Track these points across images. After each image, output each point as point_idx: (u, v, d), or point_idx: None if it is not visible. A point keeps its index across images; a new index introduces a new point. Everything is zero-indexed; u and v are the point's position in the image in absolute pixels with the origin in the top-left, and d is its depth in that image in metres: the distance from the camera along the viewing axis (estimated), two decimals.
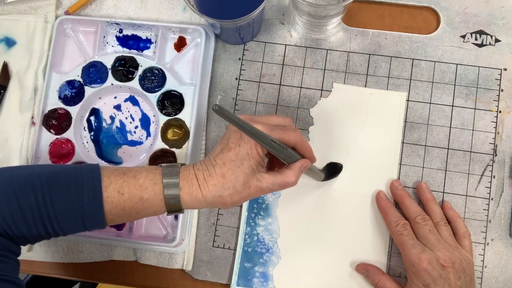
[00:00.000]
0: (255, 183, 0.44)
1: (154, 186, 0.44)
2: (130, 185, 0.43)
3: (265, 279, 0.55)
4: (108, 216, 0.43)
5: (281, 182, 0.45)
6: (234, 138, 0.44)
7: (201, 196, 0.44)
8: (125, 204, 0.43)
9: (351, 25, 0.60)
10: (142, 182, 0.44)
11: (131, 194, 0.43)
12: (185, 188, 0.44)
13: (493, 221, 0.55)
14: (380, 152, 0.56)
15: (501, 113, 0.57)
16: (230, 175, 0.44)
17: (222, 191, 0.44)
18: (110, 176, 0.44)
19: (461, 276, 0.47)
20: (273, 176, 0.45)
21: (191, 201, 0.44)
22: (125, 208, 0.43)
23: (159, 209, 0.45)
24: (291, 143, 0.45)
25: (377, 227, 0.55)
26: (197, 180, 0.44)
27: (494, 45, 0.58)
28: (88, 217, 0.43)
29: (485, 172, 0.56)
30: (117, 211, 0.43)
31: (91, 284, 0.86)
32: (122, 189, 0.43)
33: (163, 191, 0.44)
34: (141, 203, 0.44)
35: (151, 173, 0.44)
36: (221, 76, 0.60)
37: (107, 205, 0.43)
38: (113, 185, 0.43)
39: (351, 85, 0.58)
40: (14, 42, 0.61)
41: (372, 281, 0.52)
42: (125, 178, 0.44)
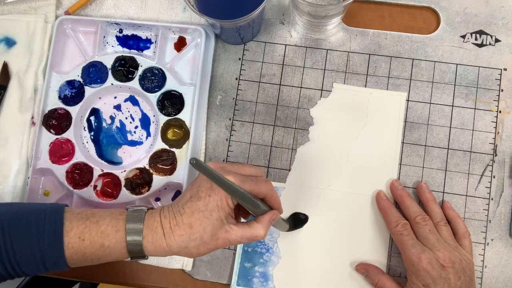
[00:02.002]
0: (223, 235, 0.44)
1: (116, 233, 0.43)
2: (92, 232, 0.43)
3: (265, 279, 0.55)
4: (70, 261, 0.43)
5: (250, 235, 0.44)
6: (204, 187, 0.44)
7: (165, 246, 0.43)
8: (86, 251, 0.43)
9: (351, 25, 0.60)
10: (104, 228, 0.43)
11: (92, 240, 0.43)
12: (148, 237, 0.43)
13: (493, 221, 0.55)
14: (380, 152, 0.56)
15: (501, 113, 0.57)
16: (198, 225, 0.43)
17: (188, 242, 0.43)
18: (73, 221, 0.43)
19: (461, 276, 0.47)
20: (242, 229, 0.44)
21: (154, 249, 0.43)
22: (86, 254, 0.43)
23: (121, 256, 0.44)
24: (262, 194, 0.45)
25: (377, 227, 0.55)
26: (163, 228, 0.43)
27: (494, 45, 0.58)
28: (49, 261, 0.42)
29: (485, 172, 0.56)
30: (78, 257, 0.43)
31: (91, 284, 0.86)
32: (83, 235, 0.43)
33: (125, 238, 0.43)
34: (102, 250, 0.43)
35: (115, 219, 0.44)
36: (221, 76, 0.60)
37: (67, 250, 0.42)
38: (75, 231, 0.43)
39: (351, 85, 0.58)
40: (14, 42, 0.61)
41: (372, 281, 0.52)
42: (87, 223, 0.43)
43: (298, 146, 0.57)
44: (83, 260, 0.43)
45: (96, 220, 0.44)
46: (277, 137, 0.58)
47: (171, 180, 0.56)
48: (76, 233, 0.43)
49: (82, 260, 0.43)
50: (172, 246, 0.43)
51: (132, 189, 0.56)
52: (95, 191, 0.56)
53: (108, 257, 0.44)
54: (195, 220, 0.43)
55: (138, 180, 0.57)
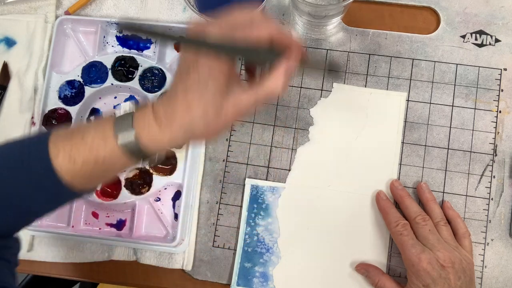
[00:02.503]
0: (231, 109, 0.37)
1: (105, 143, 0.37)
2: (80, 149, 0.37)
3: (265, 279, 0.55)
4: (74, 186, 0.38)
5: (264, 94, 0.37)
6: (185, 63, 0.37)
7: (167, 140, 0.37)
8: (82, 171, 0.38)
9: (351, 25, 0.60)
10: (92, 141, 0.37)
11: (84, 159, 0.37)
12: (144, 138, 0.37)
13: (493, 221, 0.55)
14: (380, 152, 0.56)
15: (501, 113, 0.57)
16: (197, 103, 0.36)
17: (192, 127, 0.37)
18: (57, 144, 0.38)
19: (461, 276, 0.47)
20: (252, 90, 0.37)
21: (157, 147, 0.38)
22: (86, 174, 0.38)
23: (124, 163, 0.39)
24: (265, 38, 0.36)
25: (377, 227, 0.55)
26: (158, 122, 0.37)
27: (494, 45, 0.58)
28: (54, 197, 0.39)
29: (485, 172, 0.56)
30: (79, 180, 0.38)
31: (91, 284, 0.86)
32: (72, 156, 0.37)
33: (118, 146, 0.37)
34: (99, 165, 0.38)
35: (100, 129, 0.38)
36: None
37: (64, 177, 0.37)
38: (62, 154, 0.37)
39: (351, 85, 0.58)
40: (14, 42, 0.61)
41: (372, 281, 0.52)
42: (73, 142, 0.38)
43: (298, 146, 0.57)
44: (86, 182, 0.39)
45: (81, 136, 0.38)
46: (277, 137, 0.58)
47: (171, 180, 0.56)
48: (65, 156, 0.37)
49: (85, 182, 0.39)
50: (176, 137, 0.37)
51: (132, 189, 0.56)
52: (95, 191, 0.56)
53: (111, 170, 0.39)
54: (192, 98, 0.36)
55: (138, 180, 0.57)
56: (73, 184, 0.38)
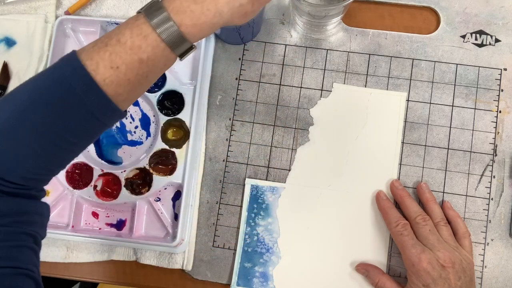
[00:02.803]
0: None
1: (146, 39, 0.36)
2: (121, 54, 0.36)
3: (265, 279, 0.55)
4: (119, 98, 0.37)
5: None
6: None
7: (212, 17, 0.36)
8: (128, 76, 0.36)
9: (351, 25, 0.60)
10: (132, 42, 0.36)
11: (127, 62, 0.36)
12: (185, 21, 0.36)
13: (493, 221, 0.55)
14: (380, 152, 0.56)
15: (501, 113, 0.57)
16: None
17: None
18: (93, 56, 0.36)
19: (461, 276, 0.47)
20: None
21: (201, 30, 0.37)
22: (131, 80, 0.36)
23: (167, 59, 0.38)
24: None
25: (377, 227, 0.55)
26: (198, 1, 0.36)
27: (494, 45, 0.58)
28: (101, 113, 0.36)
29: (485, 172, 0.56)
30: (124, 88, 0.36)
31: (91, 284, 0.86)
32: (113, 62, 0.36)
33: (160, 39, 0.36)
34: (145, 65, 0.36)
35: (135, 28, 0.36)
36: (221, 76, 0.60)
37: (108, 88, 0.36)
38: (102, 64, 0.36)
39: (351, 85, 0.58)
40: (14, 42, 0.61)
41: (372, 281, 0.52)
42: (109, 48, 0.36)
43: (298, 146, 0.57)
44: (131, 88, 0.37)
45: (117, 40, 0.36)
46: (277, 137, 0.58)
47: (171, 180, 0.56)
48: (106, 65, 0.35)
49: (130, 89, 0.37)
50: (222, 10, 0.36)
51: (132, 189, 0.56)
52: (95, 191, 0.56)
53: (156, 69, 0.38)
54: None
55: (138, 180, 0.57)
56: (118, 96, 0.36)
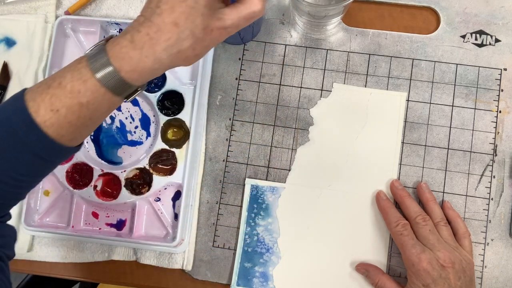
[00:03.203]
0: (216, 24, 0.36)
1: (86, 84, 0.36)
2: (61, 97, 0.36)
3: (265, 279, 0.55)
4: (62, 139, 0.37)
5: (246, 13, 0.37)
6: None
7: (151, 62, 0.36)
8: (68, 119, 0.36)
9: (351, 25, 0.60)
10: (71, 86, 0.36)
11: (68, 105, 0.36)
12: (125, 67, 0.36)
13: (493, 221, 0.55)
14: (380, 152, 0.56)
15: (501, 113, 0.57)
16: (185, 20, 0.35)
17: (179, 44, 0.35)
18: (36, 98, 0.36)
19: (461, 276, 0.47)
20: (235, 9, 0.37)
21: (141, 75, 0.36)
22: (72, 123, 0.37)
23: (111, 103, 0.37)
24: None
25: (377, 227, 0.55)
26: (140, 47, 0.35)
27: (494, 45, 0.58)
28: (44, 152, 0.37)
29: (485, 172, 0.56)
30: (66, 130, 0.37)
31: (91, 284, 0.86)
32: (53, 105, 0.36)
33: (100, 84, 0.36)
34: (85, 109, 0.36)
35: (76, 71, 0.36)
36: (221, 76, 0.60)
37: (49, 129, 0.36)
38: (43, 106, 0.36)
39: (351, 85, 0.58)
40: (14, 42, 0.61)
41: (372, 281, 0.52)
42: (51, 91, 0.36)
43: (298, 146, 0.57)
44: (74, 130, 0.37)
45: (58, 83, 0.36)
46: (277, 137, 0.58)
47: (171, 180, 0.56)
48: (46, 107, 0.36)
49: (74, 130, 0.37)
50: (161, 57, 0.36)
51: (132, 189, 0.56)
52: (95, 191, 0.56)
53: (98, 112, 0.38)
54: (179, 14, 0.35)
55: (138, 180, 0.57)
56: (61, 137, 0.37)
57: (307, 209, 0.56)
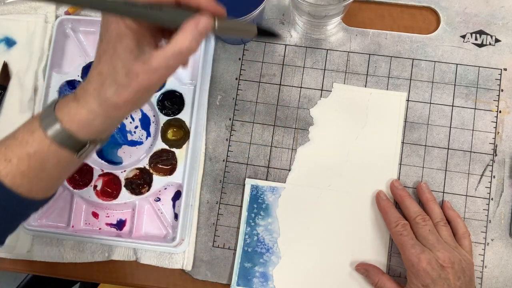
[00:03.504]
0: (141, 67, 0.35)
1: (33, 135, 0.37)
2: (13, 147, 0.37)
3: (265, 279, 0.55)
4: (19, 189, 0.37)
5: (174, 51, 0.35)
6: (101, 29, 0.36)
7: (86, 113, 0.36)
8: (21, 169, 0.37)
9: (351, 25, 0.60)
10: (22, 137, 0.37)
11: (18, 155, 0.37)
12: (65, 117, 0.36)
13: (493, 221, 0.55)
14: (380, 152, 0.56)
15: (501, 113, 0.57)
16: (107, 68, 0.35)
17: (104, 92, 0.35)
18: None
19: (460, 277, 0.47)
20: (163, 49, 0.35)
21: (79, 125, 0.37)
22: (24, 172, 0.37)
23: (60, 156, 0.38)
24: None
25: (377, 227, 0.55)
26: (76, 99, 0.37)
27: (494, 45, 0.58)
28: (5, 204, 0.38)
29: (485, 172, 0.56)
30: (21, 180, 0.37)
31: (91, 284, 0.86)
32: (6, 155, 0.37)
33: (45, 135, 0.37)
34: (34, 159, 0.37)
35: (28, 124, 0.38)
36: (221, 76, 0.60)
37: (6, 179, 0.37)
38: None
39: (351, 85, 0.58)
40: (14, 42, 0.61)
41: (372, 281, 0.52)
42: (6, 142, 0.38)
43: (298, 146, 0.57)
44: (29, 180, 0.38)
45: (12, 135, 0.38)
46: (277, 137, 0.58)
47: (171, 180, 0.56)
48: (1, 158, 0.37)
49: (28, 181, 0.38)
50: (93, 109, 0.36)
51: (132, 189, 0.56)
52: (95, 191, 0.56)
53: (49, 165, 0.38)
54: (103, 64, 0.35)
55: (138, 180, 0.57)
56: (18, 187, 0.37)
57: (307, 209, 0.56)
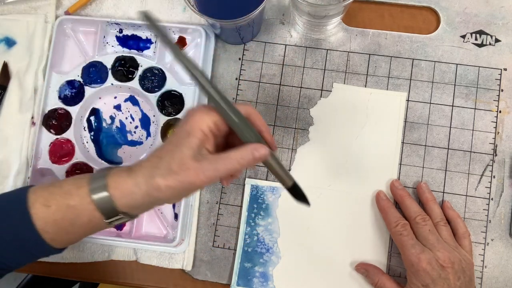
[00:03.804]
0: (194, 165, 0.37)
1: (78, 190, 0.40)
2: (56, 195, 0.40)
3: (265, 279, 0.55)
4: (45, 235, 0.40)
5: (226, 165, 0.38)
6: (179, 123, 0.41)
7: (131, 186, 0.38)
8: (55, 217, 0.40)
9: (351, 25, 0.60)
10: (68, 188, 0.40)
11: (58, 204, 0.40)
12: (112, 184, 0.39)
13: (493, 221, 0.55)
14: (380, 152, 0.56)
15: (501, 113, 0.57)
16: (166, 154, 0.38)
17: (155, 171, 0.38)
18: (36, 191, 0.41)
19: (460, 277, 0.47)
20: (216, 159, 0.38)
21: (123, 196, 0.39)
22: (57, 221, 0.40)
23: (93, 216, 0.40)
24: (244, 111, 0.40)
25: (377, 227, 0.55)
26: (129, 170, 0.39)
27: (494, 45, 0.58)
28: (26, 241, 0.40)
29: (485, 172, 0.56)
30: (51, 227, 0.40)
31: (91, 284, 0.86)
32: (48, 201, 0.40)
33: (89, 193, 0.39)
34: (70, 211, 0.40)
35: (78, 179, 0.41)
36: (221, 76, 0.60)
37: (38, 222, 0.39)
38: (39, 200, 0.40)
39: (351, 85, 0.58)
40: (14, 42, 0.61)
41: (372, 281, 0.52)
42: (51, 189, 0.41)
43: (298, 146, 0.57)
44: (57, 230, 0.40)
45: (60, 184, 0.41)
46: (277, 137, 0.58)
47: None
48: (41, 202, 0.40)
49: (56, 230, 0.40)
50: (139, 182, 0.38)
51: None
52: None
53: (80, 221, 0.40)
54: (164, 150, 0.39)
55: None
56: (45, 233, 0.40)
57: (307, 209, 0.56)
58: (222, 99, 0.39)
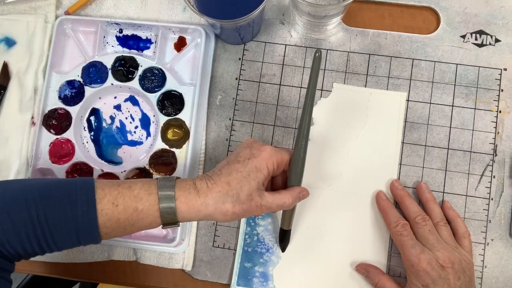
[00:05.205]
0: (257, 198, 0.45)
1: (149, 196, 0.43)
2: (125, 196, 0.43)
3: (265, 279, 0.55)
4: (103, 229, 0.42)
5: (279, 202, 0.46)
6: (243, 153, 0.46)
7: (199, 204, 0.43)
8: (120, 216, 0.42)
9: (351, 25, 0.60)
10: (137, 192, 0.43)
11: (126, 205, 0.43)
12: (181, 197, 0.43)
13: (493, 221, 0.55)
14: (380, 152, 0.56)
15: (501, 113, 0.57)
16: (236, 183, 0.44)
17: (225, 198, 0.44)
18: (105, 188, 0.43)
19: (460, 277, 0.47)
20: (273, 195, 0.46)
21: (187, 210, 0.44)
22: (120, 220, 0.43)
23: (154, 221, 0.44)
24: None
25: (377, 227, 0.55)
26: (197, 189, 0.44)
27: (494, 45, 0.58)
28: (82, 231, 0.42)
29: (485, 172, 0.56)
30: (111, 224, 0.42)
31: (91, 284, 0.86)
32: (116, 200, 0.42)
33: (158, 201, 0.43)
34: (136, 214, 0.43)
35: (147, 184, 0.44)
36: (221, 76, 0.60)
37: (101, 217, 0.42)
38: (108, 197, 0.42)
39: (351, 85, 0.58)
40: (14, 42, 0.61)
41: (372, 281, 0.52)
42: (119, 189, 0.43)
43: None
44: (116, 227, 0.43)
45: (128, 186, 0.44)
46: (277, 137, 0.58)
47: None
48: (110, 199, 0.42)
49: (115, 227, 0.43)
50: (208, 203, 0.43)
51: None
52: None
53: (141, 222, 0.44)
54: (233, 178, 0.44)
55: None
56: (103, 227, 0.42)
57: (307, 209, 0.56)
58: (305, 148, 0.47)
